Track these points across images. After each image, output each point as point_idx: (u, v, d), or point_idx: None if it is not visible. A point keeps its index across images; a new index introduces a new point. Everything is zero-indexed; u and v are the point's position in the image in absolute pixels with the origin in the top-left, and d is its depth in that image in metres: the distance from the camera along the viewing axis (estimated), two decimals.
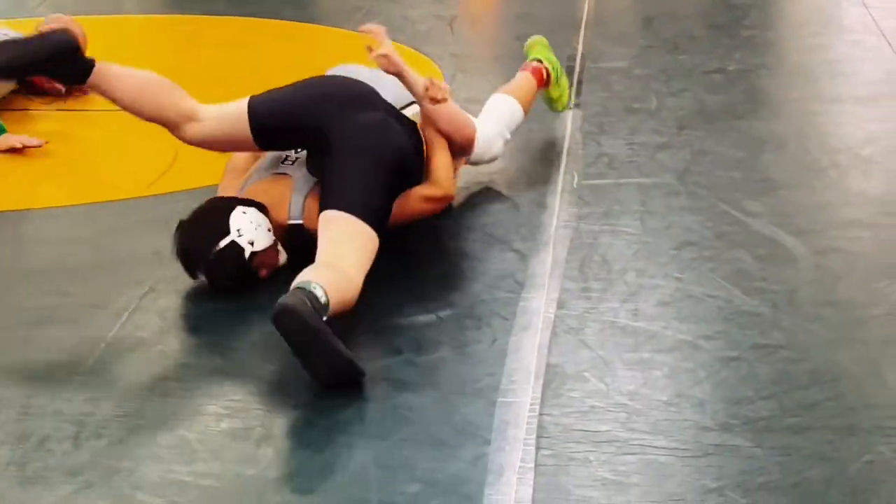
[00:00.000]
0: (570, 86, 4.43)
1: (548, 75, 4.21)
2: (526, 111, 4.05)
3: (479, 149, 3.78)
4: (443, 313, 3.19)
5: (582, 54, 5.49)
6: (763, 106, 4.71)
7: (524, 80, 4.13)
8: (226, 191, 3.66)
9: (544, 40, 4.33)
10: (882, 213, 3.73)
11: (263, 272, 3.36)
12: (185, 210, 3.45)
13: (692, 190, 3.93)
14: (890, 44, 5.44)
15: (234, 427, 2.74)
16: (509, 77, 4.20)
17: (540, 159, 4.16)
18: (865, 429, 2.63)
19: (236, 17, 6.24)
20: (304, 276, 2.94)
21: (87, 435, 2.71)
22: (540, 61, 4.21)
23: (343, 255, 3.10)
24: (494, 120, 3.90)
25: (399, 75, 3.54)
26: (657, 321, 3.11)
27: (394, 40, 5.78)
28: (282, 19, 6.14)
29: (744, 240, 3.57)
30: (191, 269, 3.34)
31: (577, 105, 4.73)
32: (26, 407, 2.83)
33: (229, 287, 3.33)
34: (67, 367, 2.98)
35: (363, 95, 3.50)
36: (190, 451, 2.65)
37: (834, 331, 3.04)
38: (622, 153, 4.23)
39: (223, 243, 3.28)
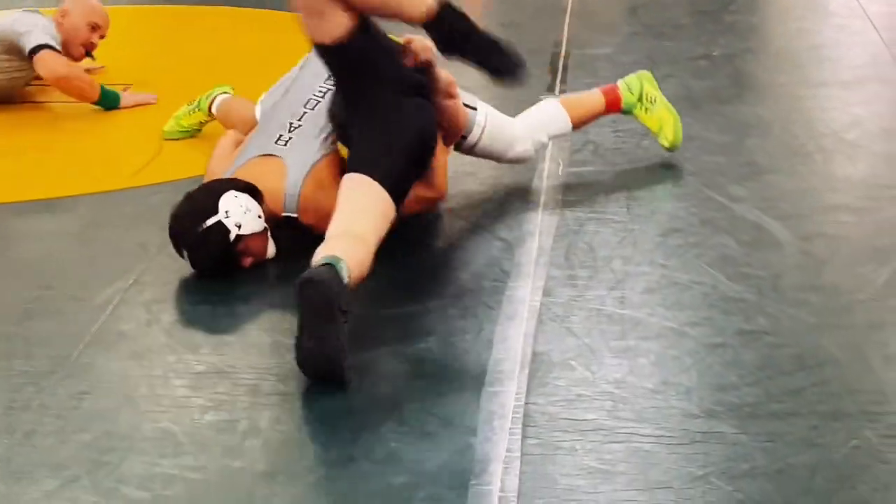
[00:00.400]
0: (677, 126, 3.99)
1: (621, 93, 3.95)
2: (577, 123, 3.91)
3: (500, 144, 3.76)
4: (428, 303, 3.18)
5: (567, 41, 5.49)
6: (748, 91, 4.72)
7: (590, 94, 3.99)
8: (213, 173, 3.64)
9: (648, 74, 4.04)
10: (867, 198, 3.73)
11: (248, 260, 3.36)
12: (168, 202, 3.44)
13: (678, 176, 3.93)
14: (875, 28, 5.44)
15: (219, 420, 2.73)
16: None
17: None
18: (850, 414, 2.63)
19: (223, 7, 6.23)
20: (334, 251, 2.90)
21: (72, 429, 2.71)
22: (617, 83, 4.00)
23: (366, 221, 3.08)
24: (529, 122, 3.85)
25: (430, 67, 3.45)
26: (643, 308, 3.11)
27: None
28: (268, 9, 6.13)
29: (729, 225, 3.57)
30: (177, 247, 3.34)
31: (562, 92, 4.73)
32: (11, 401, 2.82)
33: (211, 269, 3.32)
34: (52, 361, 2.97)
35: (414, 75, 3.40)
36: (175, 445, 2.64)
37: (819, 316, 3.04)
38: (607, 140, 4.23)
39: (209, 223, 3.27)
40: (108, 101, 4.77)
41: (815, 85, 4.86)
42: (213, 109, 4.26)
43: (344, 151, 3.47)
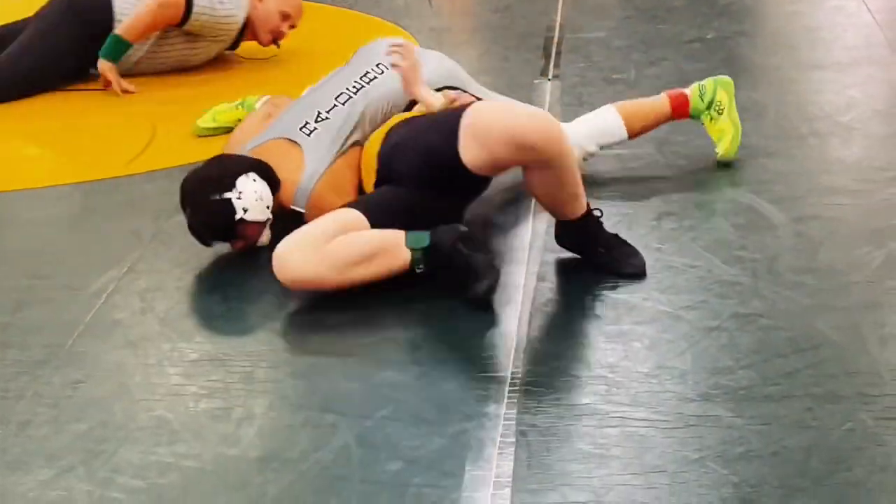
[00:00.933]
0: (735, 138, 3.85)
1: (689, 100, 3.83)
2: (633, 132, 3.77)
3: None
4: (424, 289, 3.17)
5: (561, 25, 5.48)
6: (743, 74, 4.69)
7: (655, 101, 3.84)
8: (236, 139, 3.62)
9: (725, 80, 3.89)
10: (862, 180, 3.72)
11: (239, 244, 3.35)
12: (162, 190, 3.43)
13: (672, 160, 3.93)
14: (870, 10, 5.43)
15: (214, 407, 2.73)
16: (487, 50, 4.17)
17: None
18: (846, 396, 2.63)
19: None
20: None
21: (67, 418, 2.70)
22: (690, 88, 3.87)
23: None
24: (580, 130, 3.74)
25: (414, 96, 3.41)
26: (637, 293, 3.10)
27: (372, 14, 5.80)
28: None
29: (723, 208, 3.57)
30: (182, 203, 3.35)
31: (555, 76, 4.72)
32: (5, 391, 2.81)
33: (203, 237, 3.31)
34: (46, 350, 2.97)
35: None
36: (170, 433, 2.64)
37: (814, 298, 3.03)
38: None
39: (220, 196, 3.27)
40: (116, 50, 4.80)
41: (809, 67, 4.85)
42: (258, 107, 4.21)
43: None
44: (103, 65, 4.79)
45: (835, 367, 2.74)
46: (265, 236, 3.40)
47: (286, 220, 3.39)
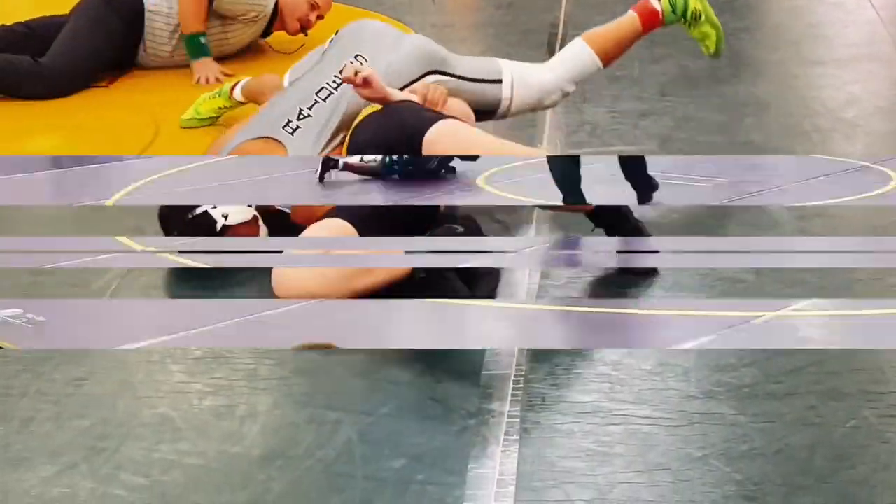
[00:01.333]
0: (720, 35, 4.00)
1: (661, 14, 3.88)
2: (607, 59, 3.86)
3: (530, 101, 3.76)
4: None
5: (564, 22, 5.47)
6: (745, 70, 4.70)
7: (623, 21, 3.89)
8: (220, 142, 3.60)
9: None
10: None
11: None
12: None
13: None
14: (873, 5, 5.43)
15: (217, 405, 2.73)
16: (490, 47, 4.16)
17: (521, 128, 4.14)
18: (849, 393, 2.63)
19: None
20: None
21: (70, 415, 2.70)
22: None
23: None
24: (555, 73, 3.83)
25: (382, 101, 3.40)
26: (641, 289, 3.10)
27: (374, 10, 5.79)
28: None
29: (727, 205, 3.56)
30: (166, 233, 3.33)
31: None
32: (8, 388, 2.81)
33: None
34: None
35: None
36: (173, 430, 2.64)
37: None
38: (604, 121, 4.22)
39: (196, 212, 3.26)
40: (197, 47, 4.91)
41: (812, 63, 4.85)
42: (237, 92, 4.21)
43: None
44: (198, 66, 4.89)
45: (838, 364, 2.74)
46: (262, 233, 3.39)
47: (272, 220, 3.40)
